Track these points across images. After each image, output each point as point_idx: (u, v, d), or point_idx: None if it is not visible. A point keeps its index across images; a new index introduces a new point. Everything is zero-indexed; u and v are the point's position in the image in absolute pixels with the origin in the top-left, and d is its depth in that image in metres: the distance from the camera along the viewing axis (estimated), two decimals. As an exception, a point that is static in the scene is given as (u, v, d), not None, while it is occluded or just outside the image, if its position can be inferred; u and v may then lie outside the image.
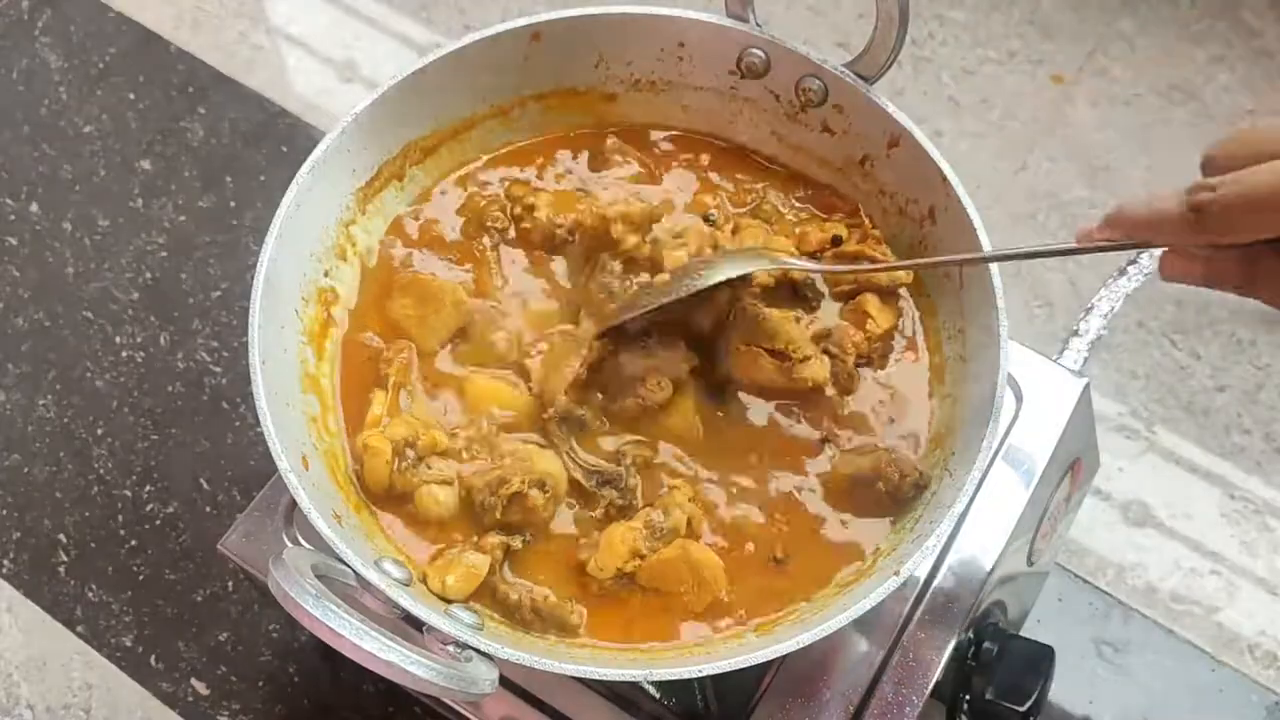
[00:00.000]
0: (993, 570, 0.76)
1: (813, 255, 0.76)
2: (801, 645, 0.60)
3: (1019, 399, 0.81)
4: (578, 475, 0.69)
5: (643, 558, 0.67)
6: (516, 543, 0.68)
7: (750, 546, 0.69)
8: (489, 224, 0.77)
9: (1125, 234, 0.53)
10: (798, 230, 0.77)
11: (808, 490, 0.70)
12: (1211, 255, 0.51)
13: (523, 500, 0.67)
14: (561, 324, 0.75)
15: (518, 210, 0.78)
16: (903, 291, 0.76)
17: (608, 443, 0.71)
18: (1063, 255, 0.67)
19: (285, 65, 1.35)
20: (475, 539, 0.68)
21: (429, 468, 0.69)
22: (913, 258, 0.76)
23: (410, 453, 0.68)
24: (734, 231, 0.77)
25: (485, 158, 0.81)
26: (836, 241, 0.76)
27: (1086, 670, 1.00)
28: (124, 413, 1.13)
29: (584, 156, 0.81)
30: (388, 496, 0.69)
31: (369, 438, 0.68)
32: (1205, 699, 0.99)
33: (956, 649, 0.75)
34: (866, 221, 0.76)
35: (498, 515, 0.67)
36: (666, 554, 0.67)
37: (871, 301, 0.74)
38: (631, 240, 0.75)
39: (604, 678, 0.74)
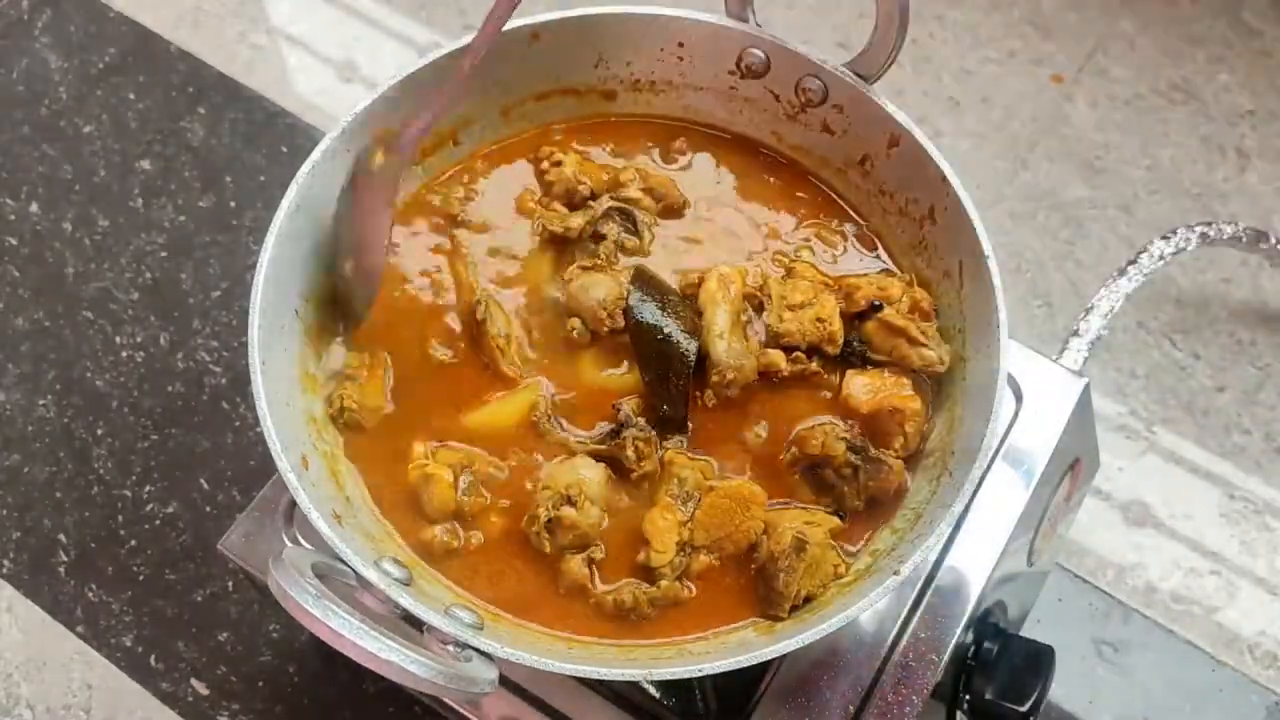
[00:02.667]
0: (993, 570, 0.76)
1: (858, 316, 0.73)
2: (802, 645, 0.60)
3: (1019, 399, 0.81)
4: (588, 448, 0.69)
5: (688, 522, 0.67)
6: (597, 554, 0.68)
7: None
8: (459, 216, 0.78)
9: None
10: (846, 280, 0.74)
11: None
12: None
13: (560, 523, 0.67)
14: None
15: (544, 165, 0.78)
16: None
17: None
18: None
19: (285, 65, 1.35)
20: (558, 568, 0.68)
21: (489, 493, 0.69)
22: (913, 258, 0.76)
23: (469, 475, 0.69)
24: (788, 275, 0.75)
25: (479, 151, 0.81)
26: (877, 308, 0.72)
27: (1086, 670, 1.00)
28: (124, 413, 1.13)
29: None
30: (443, 543, 0.68)
31: (426, 467, 0.68)
32: (1205, 699, 0.99)
33: (956, 649, 0.75)
34: (918, 292, 0.73)
35: (548, 549, 0.67)
36: (706, 503, 0.68)
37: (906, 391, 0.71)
38: (636, 190, 0.76)
39: (604, 677, 0.74)
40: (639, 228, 0.76)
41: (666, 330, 0.71)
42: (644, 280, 0.73)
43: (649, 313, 0.71)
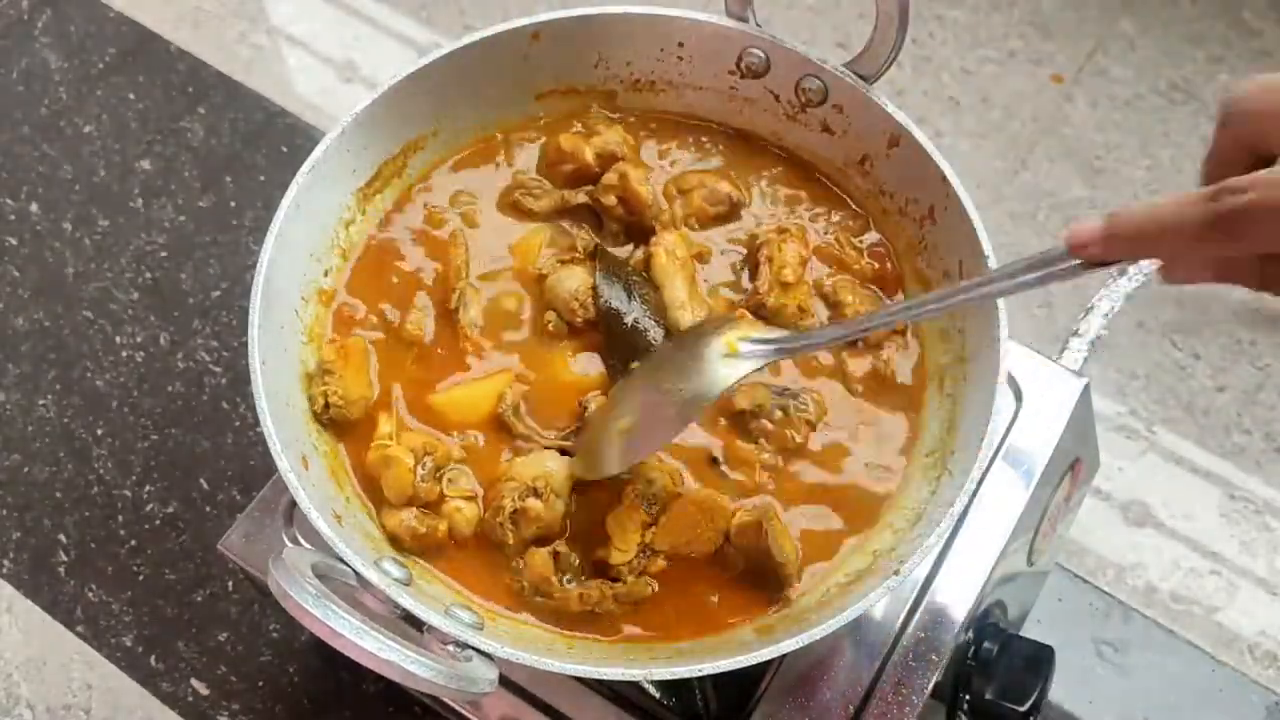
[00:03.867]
0: (993, 570, 0.76)
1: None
2: (801, 645, 0.60)
3: (1019, 399, 0.81)
4: (553, 443, 0.70)
5: (651, 524, 0.67)
6: (561, 547, 0.68)
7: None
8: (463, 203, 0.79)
9: (1129, 248, 0.46)
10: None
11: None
12: (1225, 259, 0.46)
13: (525, 514, 0.67)
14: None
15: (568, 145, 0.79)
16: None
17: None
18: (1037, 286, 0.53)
19: (285, 65, 1.35)
20: (519, 562, 0.68)
21: (450, 481, 0.69)
22: (913, 258, 0.76)
23: (429, 460, 0.69)
24: (780, 232, 0.76)
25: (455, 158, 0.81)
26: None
27: (1086, 670, 1.00)
28: (124, 413, 1.13)
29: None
30: (409, 518, 0.68)
31: (387, 449, 0.68)
32: (1205, 699, 0.99)
33: (956, 649, 0.75)
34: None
35: (510, 541, 0.67)
36: (674, 508, 0.68)
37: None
38: (612, 197, 0.76)
39: (604, 677, 0.74)
40: (603, 237, 0.77)
41: (632, 316, 0.72)
42: (608, 264, 0.74)
43: (616, 298, 0.72)
